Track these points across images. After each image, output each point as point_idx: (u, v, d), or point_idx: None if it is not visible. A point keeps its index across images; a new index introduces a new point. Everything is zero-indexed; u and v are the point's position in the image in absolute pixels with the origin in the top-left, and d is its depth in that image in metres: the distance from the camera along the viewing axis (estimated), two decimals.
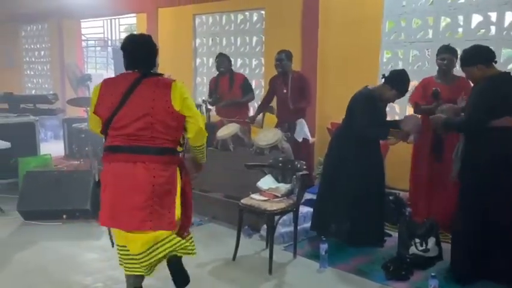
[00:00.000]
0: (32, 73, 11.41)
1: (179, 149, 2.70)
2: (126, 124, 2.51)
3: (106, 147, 2.60)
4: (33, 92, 11.13)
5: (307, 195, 4.57)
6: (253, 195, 3.52)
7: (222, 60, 5.42)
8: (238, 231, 3.58)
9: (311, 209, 4.18)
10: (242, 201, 3.49)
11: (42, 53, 11.00)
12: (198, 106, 5.55)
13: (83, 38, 10.94)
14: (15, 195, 4.61)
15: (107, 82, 2.66)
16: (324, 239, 3.44)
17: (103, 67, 11.33)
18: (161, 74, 2.66)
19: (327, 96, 5.85)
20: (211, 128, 5.58)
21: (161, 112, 2.50)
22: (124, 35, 10.20)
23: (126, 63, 2.64)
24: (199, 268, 3.43)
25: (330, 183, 3.90)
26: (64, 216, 4.38)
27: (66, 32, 10.07)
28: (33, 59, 11.27)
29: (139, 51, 2.62)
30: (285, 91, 4.91)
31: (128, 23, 10.22)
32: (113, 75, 9.97)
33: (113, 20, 10.01)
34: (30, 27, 11.23)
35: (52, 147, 7.32)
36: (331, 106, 5.73)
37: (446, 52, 4.02)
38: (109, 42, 10.36)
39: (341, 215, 3.78)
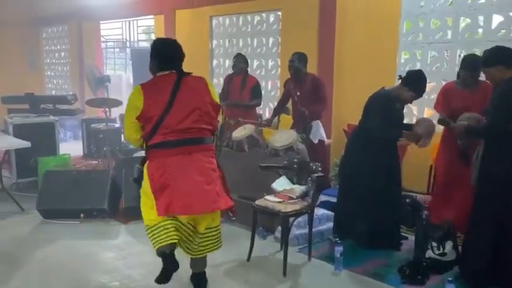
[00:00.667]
0: (52, 74, 11.63)
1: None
2: (179, 120, 2.75)
3: (155, 144, 2.77)
4: (53, 92, 11.34)
5: (323, 197, 4.56)
6: (267, 197, 3.52)
7: (239, 61, 5.43)
8: (253, 233, 3.58)
9: (327, 211, 4.17)
10: (256, 202, 3.50)
11: (62, 54, 11.19)
12: None
13: (102, 39, 11.09)
14: (35, 194, 4.70)
15: (146, 86, 2.80)
16: (339, 241, 3.42)
17: (121, 68, 11.46)
18: (190, 73, 2.89)
19: (343, 98, 5.82)
20: (222, 128, 5.64)
21: (206, 105, 2.83)
22: (142, 37, 10.35)
23: (159, 65, 2.84)
24: (213, 268, 3.44)
25: (347, 185, 3.89)
26: (82, 215, 4.44)
27: (86, 33, 10.23)
28: (53, 60, 11.49)
29: (174, 53, 2.87)
30: (298, 93, 4.90)
31: (146, 25, 10.32)
32: (131, 76, 10.13)
33: (131, 22, 10.12)
34: (51, 29, 11.44)
35: (71, 147, 7.45)
36: (348, 107, 5.69)
37: (474, 69, 3.71)
38: (128, 43, 10.47)
39: (357, 217, 3.76)
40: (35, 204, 4.50)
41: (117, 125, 7.38)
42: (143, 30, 10.81)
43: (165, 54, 2.87)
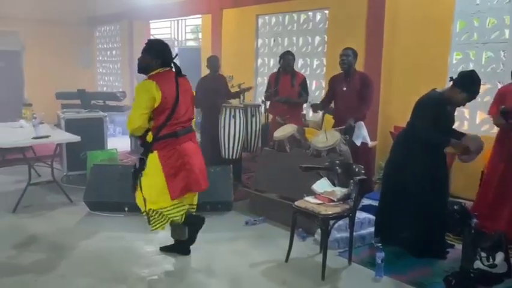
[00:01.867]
0: (104, 71, 12.06)
1: None
2: (184, 113, 3.26)
3: (166, 134, 3.18)
4: (104, 89, 11.76)
5: (366, 201, 4.44)
6: (307, 198, 3.46)
7: (290, 59, 5.35)
8: (292, 234, 3.54)
9: (369, 215, 4.06)
10: (296, 203, 3.45)
11: (114, 52, 11.58)
12: (257, 106, 5.59)
13: (151, 38, 11.39)
14: (84, 186, 4.87)
15: (159, 80, 3.14)
16: (380, 247, 3.31)
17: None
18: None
19: (391, 99, 5.65)
20: (267, 128, 5.61)
21: (192, 99, 3.42)
22: (189, 36, 10.52)
23: (163, 62, 3.21)
24: (251, 268, 3.44)
25: (392, 189, 3.76)
26: (126, 208, 4.56)
27: (136, 32, 10.53)
28: (105, 58, 11.91)
29: (171, 53, 3.28)
30: (344, 89, 4.80)
31: (193, 24, 10.47)
32: None
33: (180, 21, 10.30)
34: (103, 28, 11.87)
35: (120, 142, 7.70)
36: (395, 109, 5.52)
37: None
38: (176, 42, 10.68)
39: (401, 223, 3.64)
40: (83, 196, 4.67)
41: None
42: (191, 29, 10.98)
43: (168, 53, 3.25)
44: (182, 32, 10.46)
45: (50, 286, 3.12)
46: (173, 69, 3.29)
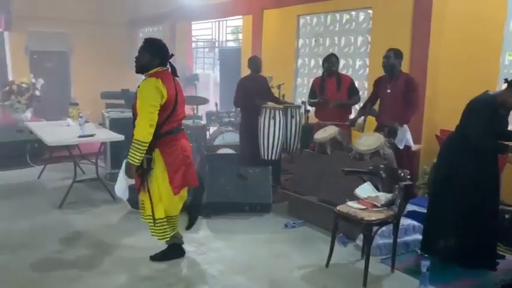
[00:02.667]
0: None
1: None
2: (181, 111, 3.33)
3: (168, 131, 3.22)
4: None
5: (409, 207, 4.29)
6: (350, 203, 3.38)
7: (334, 61, 5.24)
8: (333, 238, 3.46)
9: (413, 222, 3.91)
10: (338, 208, 3.37)
11: None
12: (298, 107, 5.52)
13: (193, 39, 11.53)
14: None
15: (163, 78, 3.17)
16: (426, 255, 3.18)
17: (209, 67, 11.80)
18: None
19: (437, 101, 5.44)
20: (309, 129, 5.53)
21: (184, 99, 3.44)
22: (229, 37, 10.58)
23: (161, 61, 3.24)
24: (291, 272, 3.39)
25: (439, 195, 3.61)
26: None
27: (178, 33, 10.70)
28: None
29: (168, 53, 3.31)
30: (388, 91, 4.67)
31: (234, 25, 10.53)
32: (218, 76, 10.40)
33: (221, 22, 10.38)
34: (147, 30, 12.13)
35: None
36: (441, 112, 5.31)
37: None
38: (216, 43, 10.77)
39: (449, 232, 3.48)
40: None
41: (203, 122, 7.60)
42: (231, 30, 11.03)
43: (166, 52, 3.29)
44: (222, 33, 10.54)
45: (93, 282, 3.19)
46: (169, 69, 3.33)
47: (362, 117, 5.06)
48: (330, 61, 5.21)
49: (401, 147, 4.61)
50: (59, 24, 10.69)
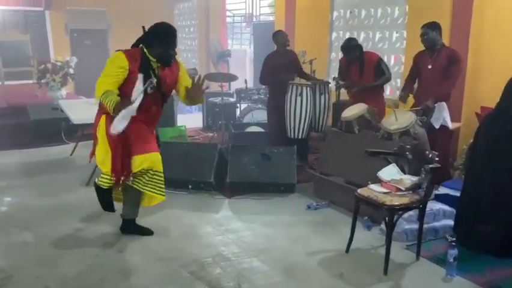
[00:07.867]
0: (182, 48, 12.28)
1: None
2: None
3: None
4: None
5: (442, 189, 4.01)
6: (372, 186, 3.17)
7: (353, 52, 4.87)
8: (353, 223, 3.27)
9: (444, 206, 3.66)
10: (359, 191, 3.17)
11: (191, 29, 11.74)
12: (327, 83, 5.28)
13: (228, 14, 11.33)
14: None
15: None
16: (454, 243, 2.95)
17: (247, 43, 11.57)
18: None
19: (479, 76, 5.02)
20: (341, 107, 5.27)
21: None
22: (265, 10, 10.29)
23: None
24: (308, 256, 3.26)
25: (475, 178, 3.33)
26: (190, 186, 4.59)
27: (212, 8, 10.53)
28: (184, 35, 12.10)
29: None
30: (429, 67, 4.35)
31: None
32: (252, 52, 10.18)
33: None
34: (182, 6, 12.05)
35: (194, 119, 7.82)
36: (483, 88, 4.91)
37: None
38: (253, 18, 10.52)
39: (485, 217, 3.21)
40: None
41: (232, 100, 7.48)
42: (268, 3, 10.74)
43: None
44: (257, 7, 10.28)
45: (108, 261, 3.19)
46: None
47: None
48: (349, 53, 4.89)
49: (437, 126, 4.30)
50: (97, 2, 10.79)
